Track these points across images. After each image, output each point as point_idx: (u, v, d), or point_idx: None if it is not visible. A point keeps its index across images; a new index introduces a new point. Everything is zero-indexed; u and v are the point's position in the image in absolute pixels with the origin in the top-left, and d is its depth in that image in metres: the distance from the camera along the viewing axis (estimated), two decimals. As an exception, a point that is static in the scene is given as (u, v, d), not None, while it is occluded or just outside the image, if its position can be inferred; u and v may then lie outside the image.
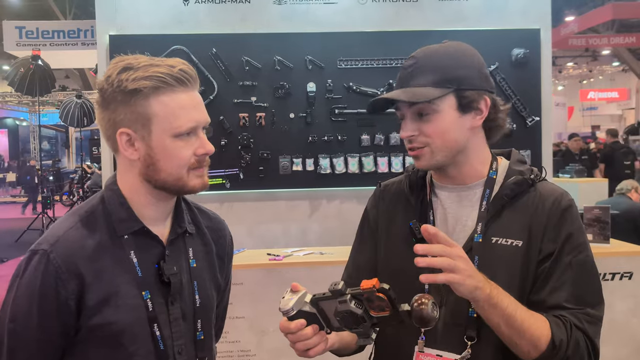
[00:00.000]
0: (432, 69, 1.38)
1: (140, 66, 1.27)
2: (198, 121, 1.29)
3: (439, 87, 1.36)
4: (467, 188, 1.44)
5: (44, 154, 18.93)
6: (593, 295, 1.35)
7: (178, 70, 1.28)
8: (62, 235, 1.27)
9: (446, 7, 4.77)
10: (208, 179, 1.35)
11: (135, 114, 1.26)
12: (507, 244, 1.37)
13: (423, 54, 1.41)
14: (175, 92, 1.27)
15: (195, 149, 1.29)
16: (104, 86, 1.28)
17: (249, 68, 4.62)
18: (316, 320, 1.23)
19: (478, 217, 1.40)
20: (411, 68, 1.39)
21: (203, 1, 4.66)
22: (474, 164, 1.43)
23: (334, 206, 4.78)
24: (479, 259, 1.36)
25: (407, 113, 1.40)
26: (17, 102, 18.69)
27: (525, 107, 4.77)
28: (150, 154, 1.28)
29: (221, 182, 4.64)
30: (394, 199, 1.54)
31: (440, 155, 1.38)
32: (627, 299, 3.50)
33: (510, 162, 1.47)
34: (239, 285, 3.43)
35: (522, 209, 1.39)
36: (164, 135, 1.27)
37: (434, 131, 1.37)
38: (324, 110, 4.67)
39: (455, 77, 1.37)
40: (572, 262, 1.34)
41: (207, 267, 1.44)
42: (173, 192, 1.33)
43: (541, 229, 1.36)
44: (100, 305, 1.26)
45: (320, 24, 4.70)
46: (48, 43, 11.66)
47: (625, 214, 5.08)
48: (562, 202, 1.39)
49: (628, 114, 26.49)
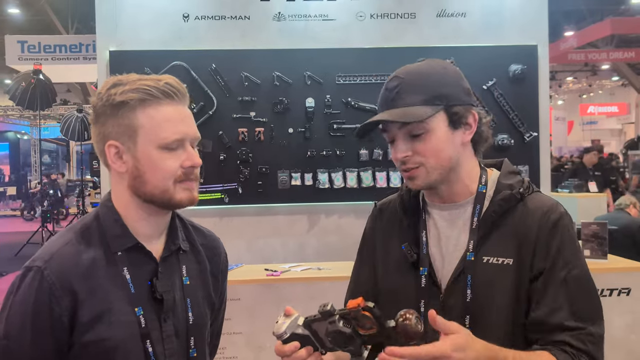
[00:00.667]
0: (419, 88, 1.35)
1: (129, 81, 1.30)
2: (185, 134, 1.31)
3: (428, 105, 1.34)
4: (457, 206, 1.43)
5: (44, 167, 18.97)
6: (592, 312, 1.33)
7: (164, 83, 1.30)
8: (57, 252, 1.29)
9: (444, 23, 4.81)
10: (198, 194, 1.35)
11: (123, 127, 1.29)
12: (498, 262, 1.35)
13: (406, 73, 1.38)
14: (161, 105, 1.29)
15: (182, 161, 1.30)
16: (96, 102, 1.31)
17: (248, 83, 4.65)
18: (310, 342, 1.24)
19: (469, 234, 1.39)
20: (397, 88, 1.36)
21: (203, 17, 4.70)
22: (464, 181, 1.42)
23: (332, 221, 4.79)
24: (471, 278, 1.35)
25: (397, 134, 1.37)
26: (18, 115, 18.77)
27: (523, 123, 4.79)
28: (137, 166, 1.29)
29: (220, 196, 4.66)
30: (390, 218, 1.53)
31: (435, 173, 1.37)
32: (625, 315, 3.50)
33: (500, 174, 1.44)
34: (236, 300, 3.43)
35: (511, 226, 1.37)
36: (150, 146, 1.28)
37: (428, 150, 1.35)
38: (323, 125, 4.70)
39: (443, 94, 1.36)
40: (566, 278, 1.32)
41: (201, 285, 1.45)
42: (161, 206, 1.33)
43: (531, 245, 1.34)
44: (94, 322, 1.26)
45: (319, 40, 4.73)
46: (50, 57, 11.73)
47: (624, 229, 5.08)
48: (551, 215, 1.36)
49: (628, 128, 26.54)
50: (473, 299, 1.34)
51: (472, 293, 1.34)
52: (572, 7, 14.85)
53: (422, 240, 1.43)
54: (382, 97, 1.40)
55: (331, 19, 4.76)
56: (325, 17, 4.75)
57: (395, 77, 1.39)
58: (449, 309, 1.35)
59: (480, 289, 1.33)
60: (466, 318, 1.34)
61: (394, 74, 1.40)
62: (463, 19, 4.81)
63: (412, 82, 1.37)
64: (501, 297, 1.34)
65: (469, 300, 1.34)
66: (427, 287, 1.39)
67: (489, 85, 4.73)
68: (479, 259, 1.36)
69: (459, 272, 1.37)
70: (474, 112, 1.40)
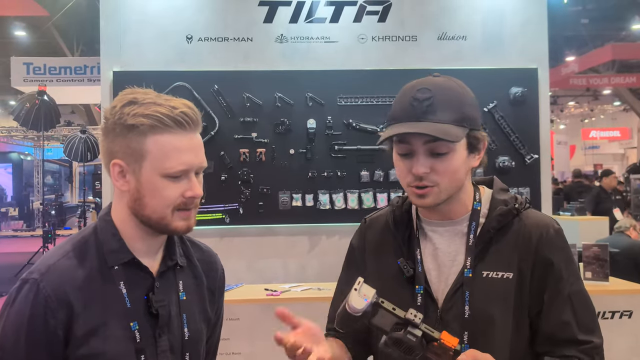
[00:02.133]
0: (450, 106, 1.33)
1: (145, 102, 1.28)
2: (191, 165, 1.30)
3: (458, 125, 1.32)
4: (454, 223, 1.43)
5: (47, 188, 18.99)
6: (594, 323, 1.38)
7: (179, 112, 1.29)
8: (53, 265, 1.28)
9: (445, 46, 4.85)
10: (195, 221, 1.35)
11: (130, 149, 1.28)
12: (498, 277, 1.36)
13: (436, 87, 1.34)
14: (171, 134, 1.28)
15: (184, 191, 1.30)
16: (108, 116, 1.31)
17: (250, 104, 4.68)
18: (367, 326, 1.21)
19: (466, 251, 1.39)
20: (428, 102, 1.32)
21: (206, 39, 4.75)
22: (462, 199, 1.43)
23: (333, 242, 4.78)
24: (469, 294, 1.35)
25: (419, 149, 1.33)
26: (22, 136, 18.86)
27: (524, 145, 4.81)
28: (138, 189, 1.29)
29: (221, 216, 4.66)
30: (381, 233, 1.52)
31: (445, 194, 1.36)
32: (626, 337, 3.47)
33: (494, 191, 1.45)
34: (236, 320, 3.42)
35: (509, 241, 1.39)
36: (154, 173, 1.28)
37: (446, 170, 1.33)
38: (324, 147, 4.72)
39: (468, 117, 1.35)
40: (570, 293, 1.36)
41: (197, 300, 1.44)
42: (157, 230, 1.33)
43: (531, 259, 1.36)
44: (89, 336, 1.26)
45: (321, 61, 4.78)
46: (55, 79, 11.81)
47: (625, 252, 5.06)
48: (550, 229, 1.39)
49: (630, 152, 26.54)
50: (471, 315, 1.34)
51: (470, 309, 1.35)
52: (573, 33, 14.96)
53: (416, 257, 1.42)
54: (409, 107, 1.34)
55: (333, 41, 4.81)
56: (327, 39, 4.80)
57: (425, 89, 1.34)
58: (445, 324, 1.35)
59: (478, 304, 1.34)
60: (464, 334, 1.34)
61: (420, 85, 1.35)
62: (464, 42, 4.86)
63: (443, 98, 1.33)
64: (501, 311, 1.35)
65: (467, 316, 1.34)
66: (424, 303, 1.39)
67: (490, 108, 4.76)
68: (477, 274, 1.37)
69: (457, 288, 1.37)
70: (486, 139, 1.41)
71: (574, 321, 1.35)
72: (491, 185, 1.49)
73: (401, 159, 1.37)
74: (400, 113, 1.36)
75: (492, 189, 1.47)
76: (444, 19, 4.90)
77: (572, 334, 1.35)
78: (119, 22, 4.71)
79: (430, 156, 1.33)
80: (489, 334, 1.34)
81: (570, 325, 1.35)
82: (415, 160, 1.34)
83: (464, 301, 1.35)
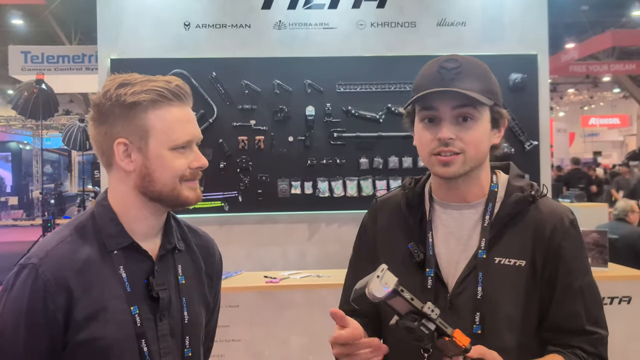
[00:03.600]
0: (477, 76, 1.34)
1: (137, 82, 1.31)
2: (194, 135, 1.34)
3: (485, 95, 1.32)
4: (469, 206, 1.41)
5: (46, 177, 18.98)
6: (601, 316, 1.39)
7: (175, 85, 1.32)
8: (52, 250, 1.28)
9: (444, 32, 4.83)
10: (201, 193, 1.37)
11: (133, 126, 1.29)
12: (510, 264, 1.36)
13: (463, 59, 1.36)
14: (172, 106, 1.31)
15: (190, 161, 1.33)
16: (102, 101, 1.31)
17: (248, 92, 4.66)
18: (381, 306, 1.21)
19: (481, 232, 1.38)
20: (456, 70, 1.32)
21: (204, 26, 4.72)
22: (481, 180, 1.41)
23: (332, 229, 4.78)
24: (482, 275, 1.35)
25: (446, 114, 1.32)
26: (21, 126, 18.81)
27: (523, 132, 4.80)
28: (146, 165, 1.30)
29: (220, 204, 4.66)
30: (392, 215, 1.50)
31: (469, 165, 1.35)
32: (625, 323, 3.47)
33: (510, 176, 1.45)
34: (235, 307, 3.42)
35: (523, 228, 1.38)
36: (161, 147, 1.30)
37: (472, 139, 1.33)
38: (323, 134, 4.70)
39: (493, 91, 1.36)
40: (582, 286, 1.37)
41: (196, 284, 1.44)
42: (168, 204, 1.34)
43: (544, 249, 1.36)
44: (88, 320, 1.26)
45: (320, 48, 4.75)
46: (53, 68, 11.75)
47: (625, 239, 5.05)
48: (565, 221, 1.38)
49: (630, 140, 26.53)
50: (484, 296, 1.34)
51: (482, 290, 1.34)
52: (573, 19, 14.89)
53: (428, 241, 1.41)
54: (437, 74, 1.33)
55: (332, 27, 4.78)
56: (326, 25, 4.78)
57: (452, 59, 1.35)
58: (456, 307, 1.35)
59: (491, 287, 1.34)
60: (476, 315, 1.34)
61: (447, 57, 1.36)
62: (463, 28, 4.84)
63: (470, 68, 1.34)
64: (512, 296, 1.35)
65: (480, 297, 1.34)
66: (434, 287, 1.38)
67: (489, 94, 4.74)
68: (490, 259, 1.36)
69: (470, 271, 1.36)
70: (507, 118, 1.41)
71: (584, 313, 1.36)
72: (507, 170, 1.48)
73: (425, 127, 1.36)
74: (427, 81, 1.35)
75: (507, 175, 1.46)
76: (444, 5, 4.87)
77: (580, 324, 1.36)
78: (116, 9, 4.68)
79: (457, 124, 1.33)
80: (499, 317, 1.34)
81: (580, 316, 1.36)
82: (442, 125, 1.32)
83: (477, 283, 1.35)
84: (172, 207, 1.38)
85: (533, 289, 1.36)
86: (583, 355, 1.34)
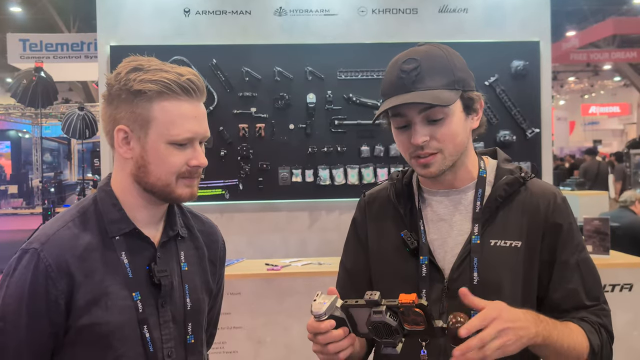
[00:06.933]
0: (438, 72, 1.32)
1: (150, 69, 1.28)
2: (196, 133, 1.29)
3: (450, 89, 1.32)
4: (459, 192, 1.42)
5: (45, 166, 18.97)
6: (600, 290, 1.41)
7: (186, 79, 1.28)
8: (53, 235, 1.27)
9: (446, 19, 4.80)
10: (198, 190, 1.35)
11: (136, 115, 1.27)
12: (506, 245, 1.36)
13: (422, 56, 1.33)
14: (178, 100, 1.27)
15: (189, 159, 1.29)
16: (112, 82, 1.29)
17: (249, 79, 4.64)
18: (344, 324, 1.22)
19: (473, 218, 1.38)
20: (415, 72, 1.31)
21: (204, 12, 4.69)
22: (468, 166, 1.42)
23: (333, 217, 4.78)
24: (478, 261, 1.35)
25: (415, 119, 1.32)
26: (20, 114, 18.76)
27: (525, 119, 4.78)
28: (143, 156, 1.28)
29: (221, 192, 4.65)
30: (381, 208, 1.51)
31: (450, 160, 1.35)
32: (627, 310, 3.48)
33: (499, 161, 1.46)
34: (237, 295, 3.42)
35: (516, 209, 1.39)
36: (159, 140, 1.27)
37: (447, 135, 1.32)
38: (324, 122, 4.68)
39: (458, 79, 1.34)
40: (578, 262, 1.38)
41: (199, 271, 1.43)
42: (160, 198, 1.32)
43: (539, 229, 1.37)
44: (90, 306, 1.25)
45: (321, 35, 4.72)
46: (51, 56, 11.69)
47: (627, 228, 5.03)
48: (557, 198, 1.40)
49: (630, 128, 26.49)
50: (480, 281, 1.34)
51: (479, 275, 1.34)
52: (574, 7, 14.83)
53: (420, 229, 1.41)
54: (397, 80, 1.33)
55: (333, 14, 4.75)
56: (327, 12, 4.74)
57: (411, 60, 1.33)
58: (453, 293, 1.33)
59: (487, 271, 1.34)
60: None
61: (405, 57, 1.34)
62: (465, 14, 4.80)
63: (430, 65, 1.32)
64: (510, 278, 1.35)
65: (476, 283, 1.34)
66: (428, 274, 1.38)
67: (491, 82, 4.72)
68: (485, 242, 1.36)
69: (465, 256, 1.36)
70: (482, 98, 1.40)
71: (582, 289, 1.37)
72: (494, 156, 1.49)
73: (400, 133, 1.37)
74: (389, 88, 1.35)
75: (495, 160, 1.47)
76: (445, -9, 4.83)
77: (579, 301, 1.37)
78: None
79: (428, 124, 1.32)
80: (497, 299, 1.32)
81: (578, 293, 1.37)
82: (413, 130, 1.33)
83: (472, 268, 1.35)
84: (165, 202, 1.35)
85: (530, 269, 1.37)
86: (591, 322, 1.35)
